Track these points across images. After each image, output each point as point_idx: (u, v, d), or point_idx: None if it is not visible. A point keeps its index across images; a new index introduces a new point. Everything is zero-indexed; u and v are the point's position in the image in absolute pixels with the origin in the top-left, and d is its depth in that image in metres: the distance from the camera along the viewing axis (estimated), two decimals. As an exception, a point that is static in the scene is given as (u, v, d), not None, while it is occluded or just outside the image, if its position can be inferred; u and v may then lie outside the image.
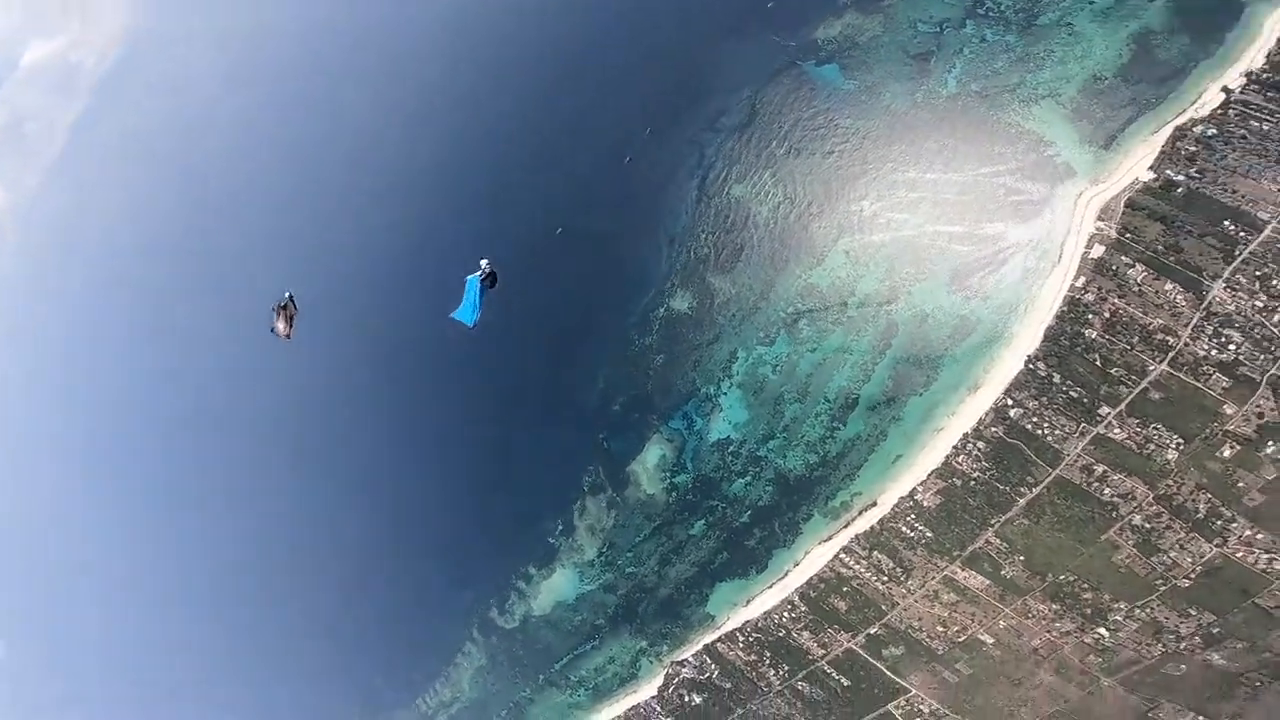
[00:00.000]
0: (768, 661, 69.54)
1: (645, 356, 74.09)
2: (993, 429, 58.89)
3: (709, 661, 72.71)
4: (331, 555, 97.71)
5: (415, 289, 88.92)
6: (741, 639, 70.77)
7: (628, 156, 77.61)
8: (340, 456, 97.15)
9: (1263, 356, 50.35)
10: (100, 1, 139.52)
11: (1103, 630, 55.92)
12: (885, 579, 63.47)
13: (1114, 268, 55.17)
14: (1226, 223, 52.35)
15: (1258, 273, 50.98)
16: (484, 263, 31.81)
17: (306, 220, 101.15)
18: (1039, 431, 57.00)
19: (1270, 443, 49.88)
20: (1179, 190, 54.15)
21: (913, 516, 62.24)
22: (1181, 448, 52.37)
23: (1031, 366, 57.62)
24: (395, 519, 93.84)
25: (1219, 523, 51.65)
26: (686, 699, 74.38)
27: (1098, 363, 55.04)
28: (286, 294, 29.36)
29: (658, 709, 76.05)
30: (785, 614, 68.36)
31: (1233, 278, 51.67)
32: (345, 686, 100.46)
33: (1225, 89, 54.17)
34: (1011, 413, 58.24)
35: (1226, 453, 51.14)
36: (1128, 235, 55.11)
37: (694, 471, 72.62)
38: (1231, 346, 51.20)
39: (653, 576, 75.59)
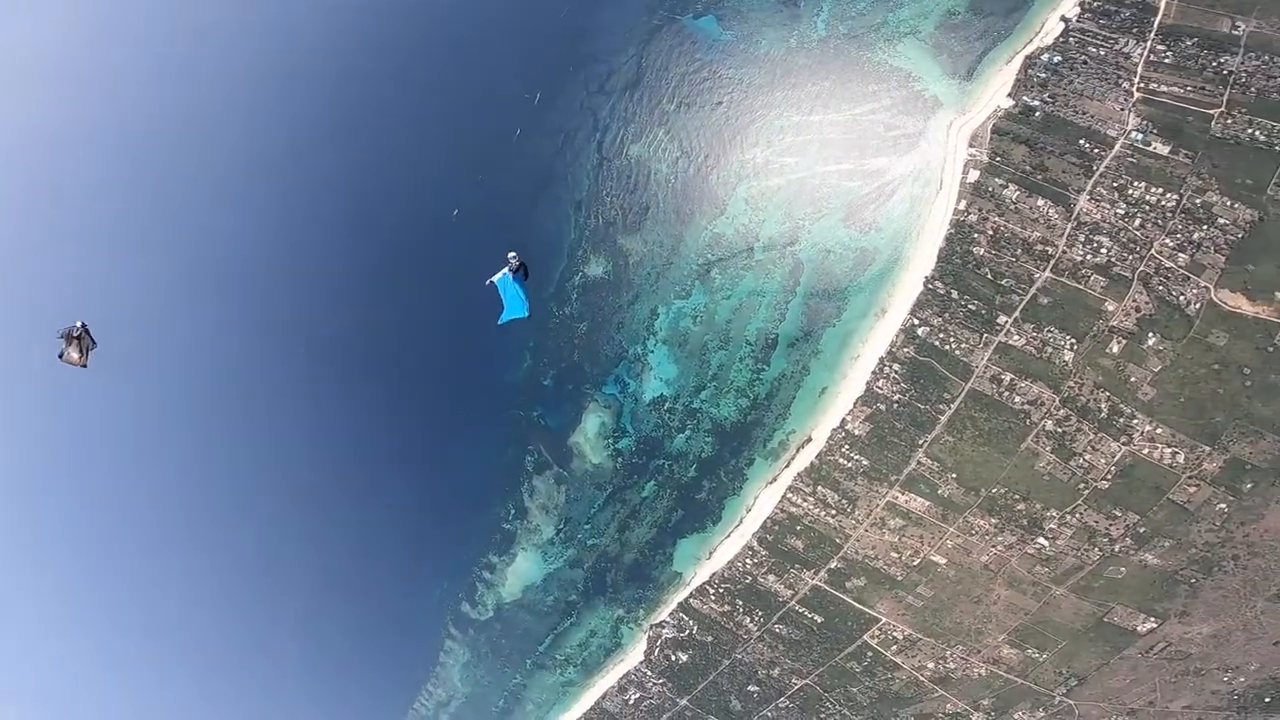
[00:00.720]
0: (741, 610, 75.25)
1: (568, 326, 77.67)
2: (905, 349, 65.17)
3: (686, 619, 78.02)
4: (286, 585, 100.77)
5: (324, 290, 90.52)
6: (712, 591, 76.20)
7: (518, 129, 79.31)
8: (270, 478, 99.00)
9: (1131, 256, 57.61)
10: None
11: (1042, 540, 63.04)
12: (833, 512, 69.57)
13: (990, 189, 61.46)
14: (1082, 141, 59.01)
15: (1115, 184, 58.00)
16: (512, 256, 33.21)
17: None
18: (947, 346, 63.47)
19: (1150, 334, 57.31)
20: (1037, 114, 60.47)
21: (847, 447, 68.30)
22: (1075, 347, 59.50)
23: (931, 286, 63.83)
24: (341, 534, 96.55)
25: (1121, 420, 58.99)
26: (673, 658, 79.68)
27: (989, 276, 61.55)
28: (79, 323, 28.55)
29: (648, 673, 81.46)
30: (748, 560, 73.94)
31: (1094, 190, 58.61)
32: (338, 713, 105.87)
33: (1064, 18, 60.22)
34: (919, 331, 64.53)
35: (1115, 348, 58.40)
36: (998, 159, 61.35)
37: (635, 434, 77.27)
38: (1103, 250, 58.32)
39: (615, 545, 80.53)
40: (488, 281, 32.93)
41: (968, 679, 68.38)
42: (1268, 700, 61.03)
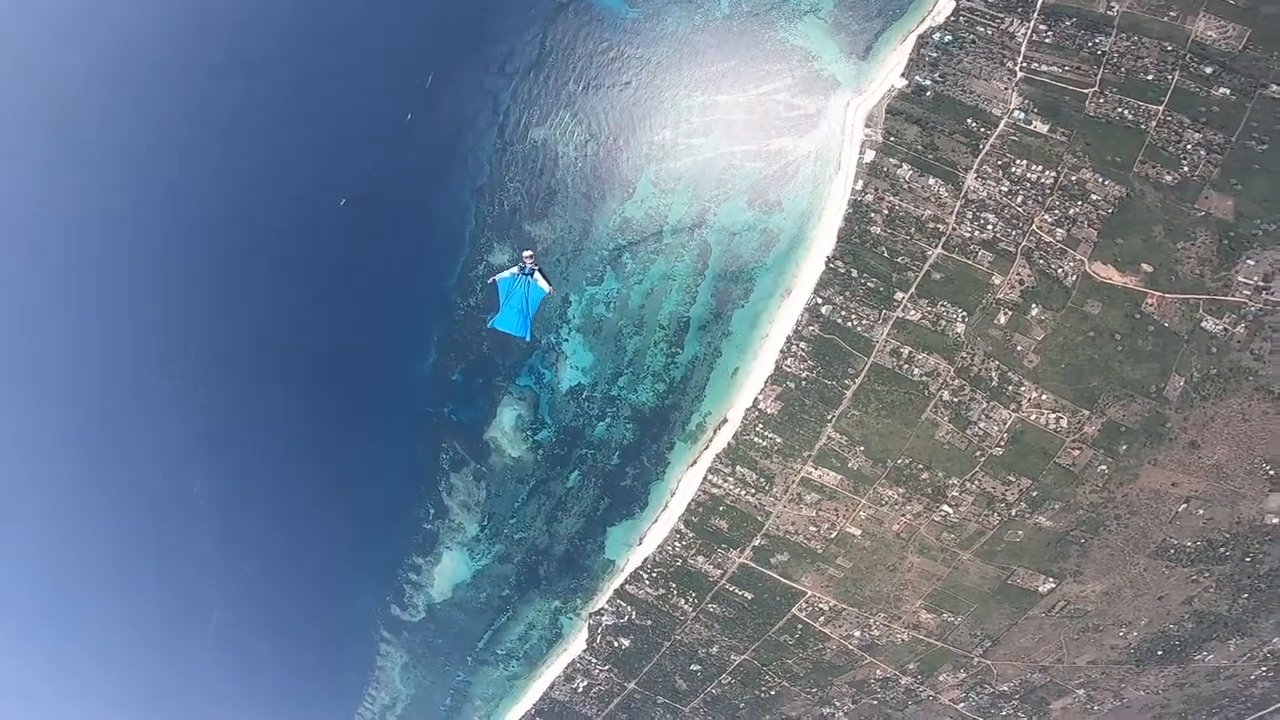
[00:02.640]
0: (675, 592, 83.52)
1: (474, 318, 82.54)
2: (810, 328, 73.32)
3: (624, 605, 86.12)
4: (200, 601, 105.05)
5: (208, 289, 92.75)
6: (646, 577, 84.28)
7: (408, 114, 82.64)
8: (170, 487, 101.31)
9: (1014, 232, 66.77)
10: None
11: (946, 508, 72.53)
12: (753, 491, 77.97)
13: (885, 169, 69.56)
14: (969, 120, 67.48)
15: (999, 162, 66.81)
16: (527, 255, 31.18)
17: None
18: (849, 324, 71.83)
19: (1033, 305, 66.72)
20: (928, 94, 68.51)
21: (761, 426, 76.47)
22: (966, 320, 68.50)
23: (832, 265, 71.89)
24: (254, 544, 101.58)
25: (1010, 388, 68.47)
26: (616, 644, 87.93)
27: (885, 254, 69.93)
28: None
29: (593, 660, 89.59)
30: (676, 544, 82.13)
31: (981, 168, 67.34)
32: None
33: (954, -5, 68.04)
34: (823, 310, 72.68)
35: (1002, 319, 67.63)
36: (891, 139, 69.36)
37: (554, 425, 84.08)
38: (989, 227, 67.28)
39: (544, 537, 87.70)
40: (491, 279, 32.35)
41: (892, 645, 78.16)
42: (1160, 653, 71.93)
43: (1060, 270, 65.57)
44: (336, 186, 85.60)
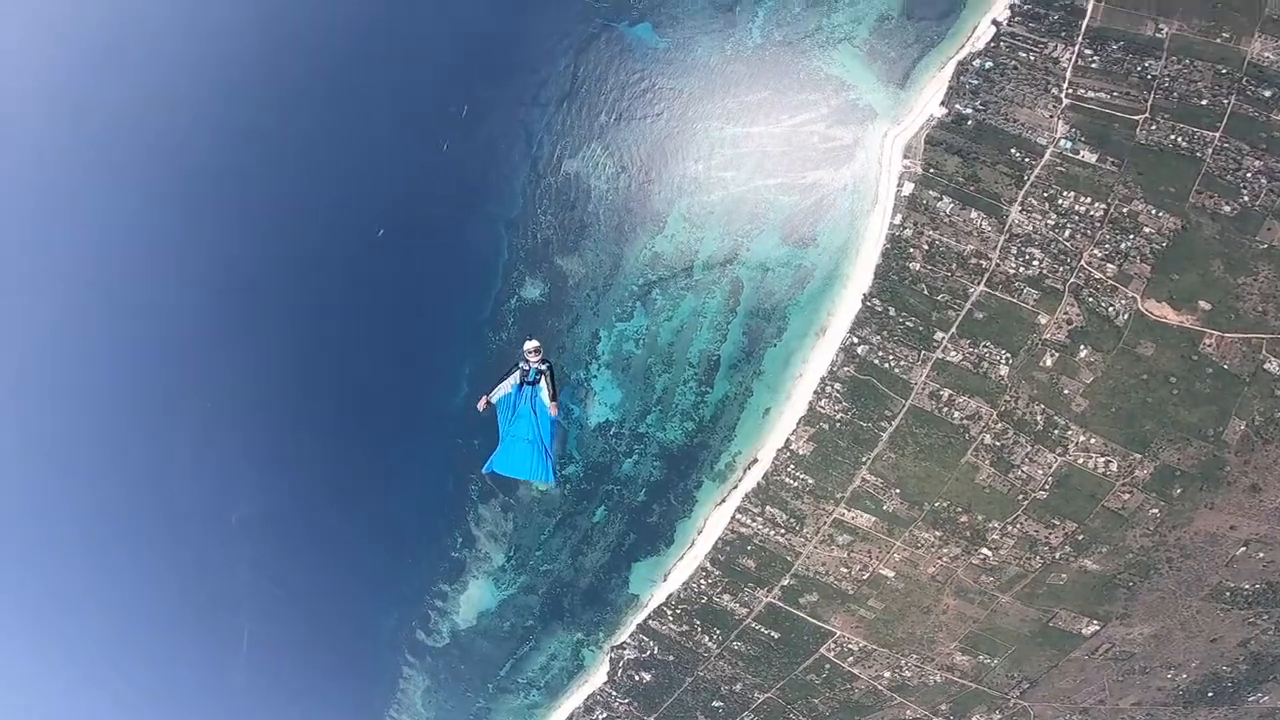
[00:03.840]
0: (700, 629, 79.40)
1: (505, 352, 78.72)
2: (845, 368, 69.40)
3: (646, 640, 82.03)
4: (233, 613, 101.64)
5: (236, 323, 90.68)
6: (670, 613, 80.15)
7: (445, 144, 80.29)
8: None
9: (1062, 268, 62.59)
10: None
11: (986, 551, 68.06)
12: (783, 531, 73.87)
13: (924, 202, 65.66)
14: (1013, 150, 63.48)
15: (1045, 194, 62.72)
16: (531, 350, 23.20)
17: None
18: (886, 365, 67.81)
19: (1082, 346, 62.51)
20: (969, 123, 64.66)
21: (792, 466, 72.47)
22: (1010, 361, 64.29)
23: (869, 304, 67.97)
24: (286, 572, 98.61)
25: (1056, 432, 64.19)
26: (637, 679, 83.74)
27: (925, 292, 65.93)
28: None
29: (613, 693, 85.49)
30: (702, 581, 78.08)
31: (1025, 200, 63.31)
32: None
33: (995, 22, 64.21)
34: (859, 350, 68.78)
35: (1049, 361, 63.38)
36: (931, 170, 65.51)
37: (582, 460, 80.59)
38: (1035, 262, 63.12)
39: (569, 570, 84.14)
40: (483, 403, 24.22)
41: (924, 686, 73.60)
42: (1210, 695, 67.18)
43: (1111, 309, 61.22)
44: (372, 217, 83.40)
